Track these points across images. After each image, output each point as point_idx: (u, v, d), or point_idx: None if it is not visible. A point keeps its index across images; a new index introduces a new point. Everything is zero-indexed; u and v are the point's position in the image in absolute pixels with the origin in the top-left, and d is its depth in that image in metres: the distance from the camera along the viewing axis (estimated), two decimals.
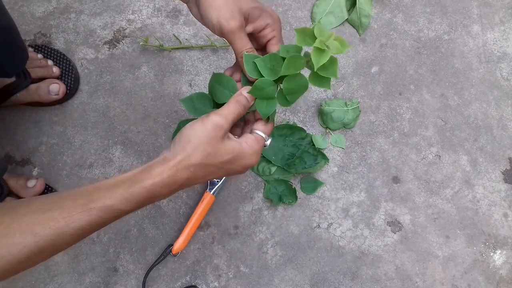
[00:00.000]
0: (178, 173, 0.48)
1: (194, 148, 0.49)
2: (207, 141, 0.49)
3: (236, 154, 0.51)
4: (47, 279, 0.90)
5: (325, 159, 0.97)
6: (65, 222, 0.45)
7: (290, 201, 0.95)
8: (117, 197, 0.47)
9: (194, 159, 0.49)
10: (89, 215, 0.46)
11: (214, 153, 0.50)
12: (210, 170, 0.51)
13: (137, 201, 0.48)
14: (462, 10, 1.10)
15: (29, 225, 0.45)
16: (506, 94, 1.05)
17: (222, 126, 0.50)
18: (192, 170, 0.49)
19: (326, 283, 0.93)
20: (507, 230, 0.98)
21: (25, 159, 0.96)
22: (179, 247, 0.90)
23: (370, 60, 1.06)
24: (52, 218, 0.45)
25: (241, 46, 0.54)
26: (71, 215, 0.46)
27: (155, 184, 0.48)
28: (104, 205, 0.47)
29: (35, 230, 0.45)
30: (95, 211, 0.46)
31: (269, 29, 0.56)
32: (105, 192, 0.47)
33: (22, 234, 0.44)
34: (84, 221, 0.46)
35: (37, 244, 0.45)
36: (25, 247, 0.44)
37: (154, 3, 1.06)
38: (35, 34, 1.02)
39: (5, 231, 0.44)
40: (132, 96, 1.00)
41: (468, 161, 1.01)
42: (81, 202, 0.47)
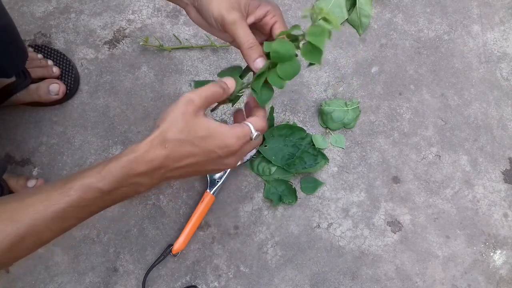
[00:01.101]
0: (153, 149, 0.48)
1: (167, 124, 0.48)
2: (179, 116, 0.48)
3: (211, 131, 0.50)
4: (47, 279, 0.90)
5: (325, 159, 0.97)
6: (44, 206, 0.45)
7: (290, 201, 0.95)
8: (93, 174, 0.47)
9: (168, 134, 0.48)
10: (68, 195, 0.46)
11: (187, 128, 0.48)
12: (187, 149, 0.49)
13: (115, 178, 0.47)
14: (462, 10, 1.10)
15: (9, 213, 0.45)
16: (506, 94, 1.05)
17: (193, 100, 0.49)
18: (167, 147, 0.48)
19: (326, 283, 0.93)
20: (507, 230, 0.98)
21: (25, 159, 0.96)
22: (179, 247, 0.90)
23: (370, 60, 1.06)
24: (31, 204, 0.45)
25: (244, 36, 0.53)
26: (49, 198, 0.45)
27: (129, 160, 0.47)
28: (82, 183, 0.46)
29: (15, 217, 0.44)
30: (73, 191, 0.46)
31: (269, 16, 0.56)
32: (82, 173, 0.47)
33: (3, 222, 0.44)
34: (63, 203, 0.45)
35: (19, 231, 0.44)
36: (7, 235, 0.44)
37: (154, 3, 1.06)
38: (35, 34, 1.02)
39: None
40: (132, 96, 1.00)
41: (468, 161, 1.01)
42: (59, 184, 0.46)
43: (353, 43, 1.06)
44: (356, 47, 1.06)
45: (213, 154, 0.51)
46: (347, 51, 1.06)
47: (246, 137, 0.53)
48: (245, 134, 0.52)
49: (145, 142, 0.48)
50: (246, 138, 0.53)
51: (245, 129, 0.52)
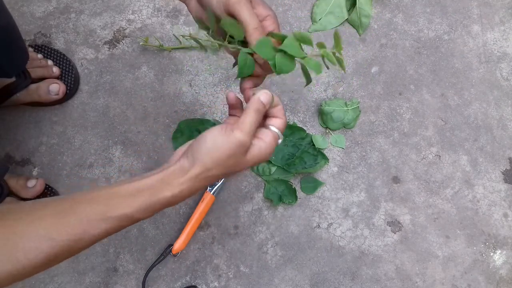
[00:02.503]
0: (197, 184, 0.49)
1: (215, 162, 0.48)
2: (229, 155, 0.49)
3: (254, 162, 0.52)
4: (47, 279, 0.90)
5: (325, 159, 0.97)
6: (83, 229, 0.45)
7: (290, 201, 0.95)
8: (136, 207, 0.47)
9: (214, 172, 0.49)
10: (107, 223, 0.46)
11: (235, 165, 0.50)
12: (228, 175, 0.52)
13: (154, 210, 0.49)
14: (462, 10, 1.10)
15: (46, 230, 0.45)
16: (506, 94, 1.05)
17: (245, 145, 0.49)
18: (210, 180, 0.50)
19: (326, 283, 0.93)
20: (507, 230, 0.98)
21: (25, 159, 0.96)
22: (179, 247, 0.90)
23: (370, 60, 1.06)
24: (69, 224, 0.45)
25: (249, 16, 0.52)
26: (89, 223, 0.46)
27: (174, 196, 0.48)
28: (122, 214, 0.47)
29: (52, 235, 0.44)
30: (113, 220, 0.47)
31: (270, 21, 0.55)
32: (123, 201, 0.47)
33: (39, 238, 0.44)
34: (102, 229, 0.46)
35: (53, 250, 0.45)
36: (41, 252, 0.44)
37: (154, 3, 1.06)
38: (35, 34, 1.02)
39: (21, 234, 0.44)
40: (132, 96, 1.00)
41: (468, 161, 1.01)
42: (99, 209, 0.46)
43: (353, 43, 1.06)
44: (356, 47, 1.06)
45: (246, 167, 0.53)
46: (347, 51, 1.06)
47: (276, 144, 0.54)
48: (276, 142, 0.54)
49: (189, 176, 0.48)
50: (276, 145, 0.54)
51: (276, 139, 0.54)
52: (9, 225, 0.44)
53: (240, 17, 0.52)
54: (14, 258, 0.43)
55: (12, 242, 0.43)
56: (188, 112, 1.00)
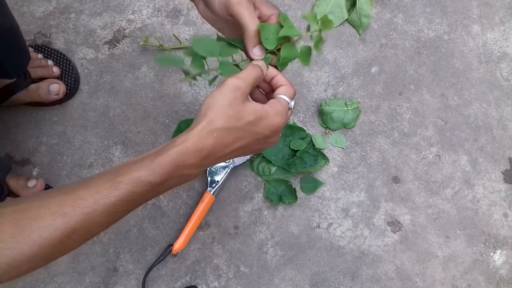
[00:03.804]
0: (202, 139, 0.47)
1: (215, 112, 0.48)
2: (227, 103, 0.48)
3: (259, 114, 0.50)
4: (47, 279, 0.90)
5: (325, 159, 0.97)
6: (94, 199, 0.45)
7: (290, 201, 0.95)
8: (143, 168, 0.46)
9: (217, 123, 0.48)
10: (118, 189, 0.45)
11: (236, 115, 0.48)
12: (236, 135, 0.49)
13: (165, 171, 0.47)
14: (462, 10, 1.10)
15: (59, 206, 0.44)
16: (506, 94, 1.05)
17: (240, 87, 0.49)
18: (216, 136, 0.48)
19: (326, 283, 0.93)
20: (507, 230, 0.98)
21: (25, 159, 0.96)
22: (179, 247, 0.90)
23: (370, 60, 1.06)
24: (81, 197, 0.45)
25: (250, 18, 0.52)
26: (99, 192, 0.45)
27: (180, 152, 0.47)
28: (132, 177, 0.46)
29: (65, 210, 0.44)
30: (123, 185, 0.45)
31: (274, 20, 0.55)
32: (131, 165, 0.47)
33: (52, 215, 0.44)
34: (113, 197, 0.45)
35: (68, 225, 0.44)
36: (56, 229, 0.43)
37: (154, 3, 1.06)
38: (35, 34, 1.02)
39: (35, 215, 0.44)
40: (132, 96, 1.00)
41: (468, 161, 1.01)
42: (108, 177, 0.46)
43: (353, 43, 1.06)
44: (356, 47, 1.06)
45: (260, 135, 0.51)
46: (347, 51, 1.06)
47: (286, 111, 0.53)
48: (285, 108, 0.53)
49: (194, 132, 0.47)
50: (286, 111, 0.53)
51: (282, 103, 0.53)
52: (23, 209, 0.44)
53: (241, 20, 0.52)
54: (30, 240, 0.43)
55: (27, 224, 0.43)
56: (188, 112, 1.00)
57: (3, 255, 0.42)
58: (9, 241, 0.42)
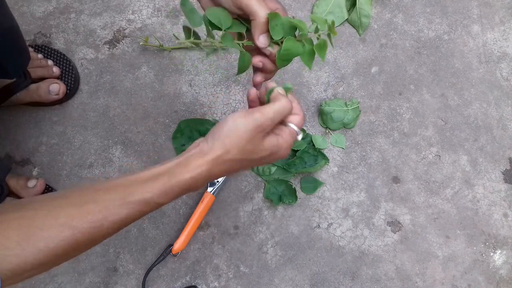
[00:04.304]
0: (216, 167, 0.49)
1: (233, 144, 0.48)
2: (247, 139, 0.48)
3: (273, 150, 0.51)
4: (47, 279, 0.90)
5: (325, 159, 0.97)
6: (103, 215, 0.45)
7: (290, 201, 0.95)
8: (155, 191, 0.47)
9: (233, 155, 0.48)
10: (127, 209, 0.46)
11: (252, 151, 0.49)
12: (246, 164, 0.51)
13: (175, 194, 0.48)
14: (462, 10, 1.10)
15: (67, 218, 0.44)
16: (506, 94, 1.05)
17: (265, 128, 0.49)
18: (229, 165, 0.49)
19: (326, 283, 0.93)
20: (507, 230, 0.98)
21: (25, 159, 0.96)
22: (179, 247, 0.90)
23: (370, 60, 1.06)
24: (90, 212, 0.45)
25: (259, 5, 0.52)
26: (108, 209, 0.45)
27: (193, 178, 0.48)
28: (142, 199, 0.47)
29: (73, 223, 0.44)
30: (133, 205, 0.46)
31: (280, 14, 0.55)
32: (142, 186, 0.47)
33: (60, 227, 0.44)
34: (122, 215, 0.46)
35: (75, 237, 0.44)
36: (62, 240, 0.44)
37: (154, 3, 1.06)
38: (35, 34, 1.02)
39: (42, 224, 0.44)
40: (132, 96, 1.00)
41: (468, 161, 1.01)
42: (118, 196, 0.46)
43: (353, 43, 1.06)
44: (356, 47, 1.06)
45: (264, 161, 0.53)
46: (347, 51, 1.06)
47: (293, 140, 0.54)
48: (294, 139, 0.54)
49: (208, 159, 0.48)
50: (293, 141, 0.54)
51: (293, 135, 0.54)
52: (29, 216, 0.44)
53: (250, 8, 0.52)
54: (35, 249, 0.43)
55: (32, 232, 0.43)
56: (188, 112, 1.00)
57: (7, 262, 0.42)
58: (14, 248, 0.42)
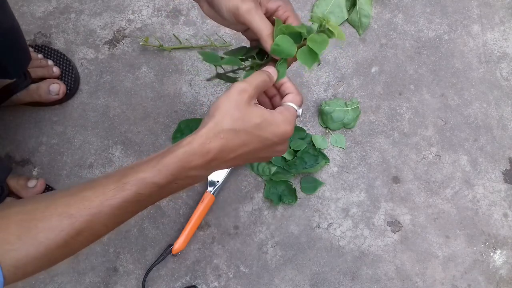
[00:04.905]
0: (209, 140, 0.47)
1: (222, 114, 0.48)
2: (234, 105, 0.48)
3: (265, 118, 0.50)
4: (47, 279, 0.90)
5: (325, 159, 0.97)
6: (99, 200, 0.45)
7: (290, 201, 0.95)
8: (149, 169, 0.46)
9: (223, 124, 0.48)
10: (124, 190, 0.45)
11: (242, 117, 0.48)
12: (243, 138, 0.49)
13: (171, 172, 0.47)
14: (462, 10, 1.10)
15: (65, 207, 0.44)
16: (506, 94, 1.06)
17: (245, 89, 0.49)
18: (223, 137, 0.48)
19: (326, 283, 0.93)
20: (507, 230, 0.98)
21: (25, 159, 0.96)
22: (179, 247, 0.90)
23: (370, 60, 1.06)
24: (87, 198, 0.45)
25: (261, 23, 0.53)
26: (105, 193, 0.45)
27: (186, 152, 0.47)
28: (137, 178, 0.46)
29: (71, 211, 0.44)
30: (129, 186, 0.45)
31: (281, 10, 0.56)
32: (137, 167, 0.47)
33: (58, 216, 0.44)
34: (119, 198, 0.45)
35: (74, 226, 0.44)
36: (62, 230, 0.43)
37: (154, 3, 1.06)
38: (35, 34, 1.02)
39: (41, 216, 0.44)
40: (132, 96, 1.00)
41: (468, 161, 1.01)
42: (114, 179, 0.46)
43: (353, 43, 1.06)
44: (356, 47, 1.06)
45: (267, 142, 0.51)
46: (347, 51, 1.06)
47: (294, 118, 0.53)
48: (293, 115, 0.53)
49: (200, 133, 0.47)
50: (294, 118, 0.53)
51: (291, 111, 0.53)
52: (29, 210, 0.44)
53: (252, 26, 0.53)
54: (36, 241, 0.43)
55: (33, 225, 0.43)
56: (188, 112, 1.00)
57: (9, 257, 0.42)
58: (15, 242, 0.42)
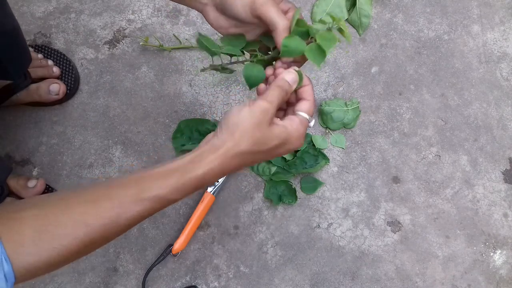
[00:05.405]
0: (228, 160, 0.48)
1: (243, 134, 0.48)
2: (255, 126, 0.48)
3: (283, 139, 0.50)
4: (47, 279, 0.90)
5: (325, 159, 0.97)
6: (116, 212, 0.45)
7: (290, 201, 0.95)
8: (168, 187, 0.47)
9: (243, 146, 0.48)
10: (140, 205, 0.46)
11: (262, 139, 0.49)
12: (258, 157, 0.50)
13: (187, 190, 0.48)
14: (462, 10, 1.10)
15: (81, 215, 0.45)
16: (506, 94, 1.06)
17: (268, 111, 0.49)
18: (241, 158, 0.49)
19: (326, 283, 0.93)
20: (507, 230, 0.98)
21: (25, 159, 0.96)
22: (179, 247, 0.90)
23: (370, 60, 1.06)
24: (103, 208, 0.45)
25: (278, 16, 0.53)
26: (122, 206, 0.46)
27: (206, 174, 0.48)
28: (155, 195, 0.46)
29: (87, 221, 0.44)
30: (146, 201, 0.46)
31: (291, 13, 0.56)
32: (156, 182, 0.47)
33: (74, 224, 0.44)
34: (135, 211, 0.46)
35: (89, 235, 0.44)
36: (76, 238, 0.44)
37: (154, 3, 1.06)
38: (35, 34, 1.02)
39: (57, 222, 0.44)
40: (132, 96, 1.00)
41: (468, 161, 1.01)
42: (132, 192, 0.46)
43: (353, 43, 1.06)
44: (356, 47, 1.06)
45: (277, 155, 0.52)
46: (347, 51, 1.06)
47: (306, 130, 0.53)
48: (305, 128, 0.53)
49: (220, 153, 0.48)
50: (306, 130, 0.53)
51: (304, 124, 0.53)
52: (44, 214, 0.44)
53: (269, 18, 0.53)
54: (50, 246, 0.43)
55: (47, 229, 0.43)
56: (188, 112, 1.00)
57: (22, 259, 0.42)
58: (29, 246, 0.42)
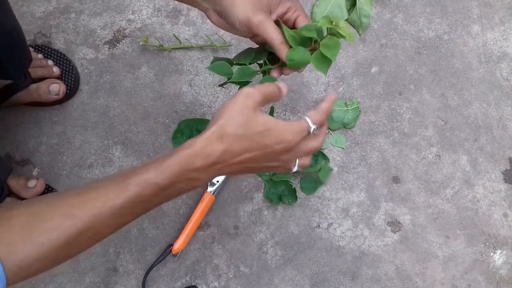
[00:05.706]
0: (211, 143, 0.47)
1: (226, 118, 0.48)
2: (238, 110, 0.48)
3: (269, 127, 0.49)
4: (47, 279, 0.90)
5: (325, 159, 0.97)
6: (102, 201, 0.45)
7: (290, 201, 0.95)
8: (151, 170, 0.47)
9: (226, 128, 0.48)
10: (126, 191, 0.45)
11: (246, 123, 0.48)
12: (245, 143, 0.49)
13: (172, 173, 0.47)
14: (462, 10, 1.10)
15: (68, 208, 0.44)
16: (506, 94, 1.06)
17: (252, 94, 0.49)
18: (225, 141, 0.48)
19: (326, 283, 0.93)
20: (507, 230, 0.98)
21: (25, 159, 0.96)
22: (179, 247, 0.90)
23: (370, 60, 1.06)
24: (89, 198, 0.45)
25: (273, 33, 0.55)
26: (108, 194, 0.45)
27: (187, 154, 0.47)
28: (140, 179, 0.46)
29: (73, 212, 0.44)
30: (132, 186, 0.46)
31: (291, 11, 0.58)
32: (140, 169, 0.47)
33: (61, 217, 0.44)
34: (121, 198, 0.45)
35: (76, 227, 0.44)
36: (64, 231, 0.44)
37: (154, 3, 1.06)
38: (35, 34, 1.02)
39: (45, 217, 0.44)
40: (132, 96, 1.00)
41: (468, 161, 1.01)
42: (117, 180, 0.46)
43: (353, 43, 1.06)
44: (356, 47, 1.06)
45: (269, 149, 0.50)
46: (347, 51, 1.06)
47: (303, 132, 0.51)
48: (302, 128, 0.51)
49: (203, 137, 0.48)
50: (303, 133, 0.51)
51: (302, 123, 0.51)
52: (32, 211, 0.44)
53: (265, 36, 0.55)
54: (38, 242, 0.43)
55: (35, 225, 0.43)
56: (188, 112, 1.00)
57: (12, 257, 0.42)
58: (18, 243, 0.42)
